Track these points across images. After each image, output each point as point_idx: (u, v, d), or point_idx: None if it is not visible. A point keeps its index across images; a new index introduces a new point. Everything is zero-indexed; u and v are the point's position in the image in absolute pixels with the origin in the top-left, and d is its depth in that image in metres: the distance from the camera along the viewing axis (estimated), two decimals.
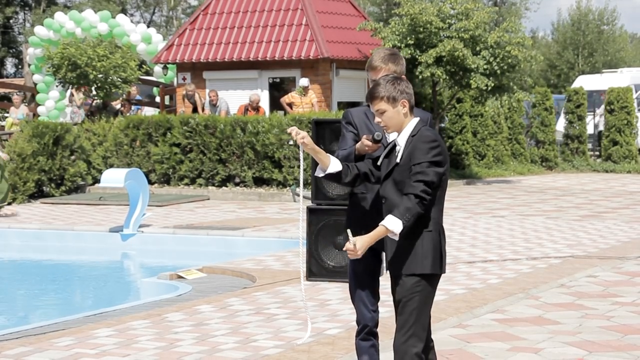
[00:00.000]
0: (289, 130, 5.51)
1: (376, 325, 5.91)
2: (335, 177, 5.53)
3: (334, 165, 5.49)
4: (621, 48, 60.30)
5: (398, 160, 5.28)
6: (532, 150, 27.40)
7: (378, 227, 5.18)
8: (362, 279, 5.89)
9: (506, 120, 27.19)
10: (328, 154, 5.53)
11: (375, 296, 5.91)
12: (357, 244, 5.17)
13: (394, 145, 5.41)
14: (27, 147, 20.03)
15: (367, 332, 5.90)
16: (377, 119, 5.35)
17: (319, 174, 5.55)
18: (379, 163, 5.47)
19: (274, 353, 7.40)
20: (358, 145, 5.69)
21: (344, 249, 5.32)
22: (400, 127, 5.32)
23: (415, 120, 5.34)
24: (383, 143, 5.63)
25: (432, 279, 5.34)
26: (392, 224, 5.11)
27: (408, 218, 5.11)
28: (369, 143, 5.57)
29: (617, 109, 26.84)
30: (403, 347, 5.23)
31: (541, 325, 8.42)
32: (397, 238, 5.17)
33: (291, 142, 19.93)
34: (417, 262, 5.25)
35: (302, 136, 5.37)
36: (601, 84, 31.16)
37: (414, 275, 5.25)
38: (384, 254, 5.88)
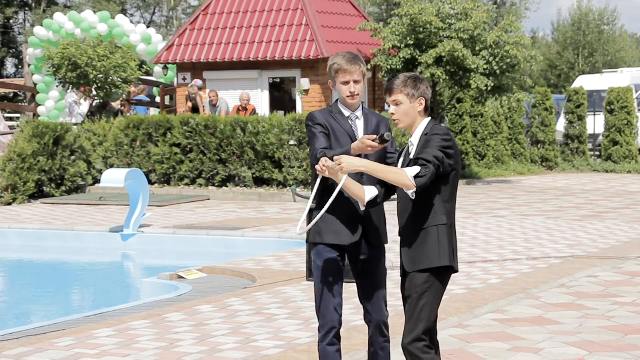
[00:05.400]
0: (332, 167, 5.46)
1: (340, 328, 5.96)
2: (373, 204, 5.58)
3: (370, 192, 5.54)
4: (621, 48, 60.30)
5: (412, 157, 5.34)
6: (532, 150, 27.39)
7: (389, 167, 5.32)
8: (329, 280, 5.90)
9: (506, 120, 27.19)
10: (359, 185, 5.54)
11: (341, 297, 5.95)
12: (344, 160, 5.28)
13: (408, 146, 5.47)
14: (27, 147, 20.03)
15: (334, 336, 5.92)
16: (390, 110, 5.42)
17: (362, 207, 5.62)
18: (399, 166, 5.49)
19: (274, 353, 7.40)
20: (357, 145, 5.64)
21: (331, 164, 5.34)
22: (412, 124, 5.40)
23: (427, 119, 5.43)
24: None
25: (444, 274, 5.37)
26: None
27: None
28: (374, 144, 5.51)
29: (618, 109, 26.82)
30: (410, 346, 5.30)
31: (541, 325, 8.43)
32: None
33: (292, 142, 19.92)
34: (436, 255, 5.30)
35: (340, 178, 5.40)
36: (601, 84, 31.14)
37: (428, 270, 5.30)
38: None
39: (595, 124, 28.52)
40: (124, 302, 10.96)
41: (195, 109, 23.48)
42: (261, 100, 23.90)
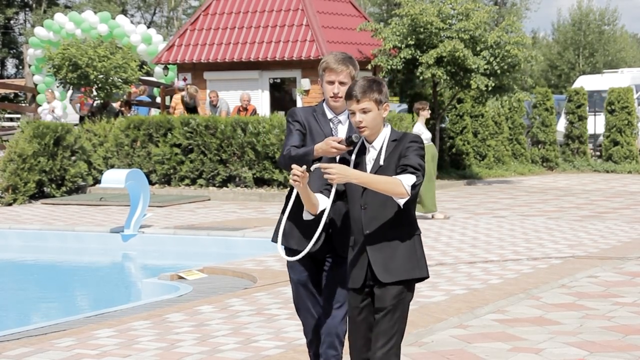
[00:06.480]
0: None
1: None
2: (321, 213, 5.32)
3: (323, 202, 5.29)
4: (622, 48, 60.33)
5: (381, 162, 5.14)
6: (532, 150, 27.39)
7: (383, 177, 5.02)
8: (304, 293, 5.80)
9: (507, 120, 27.20)
10: (314, 194, 5.26)
11: (320, 306, 5.84)
12: (338, 170, 4.94)
13: (363, 151, 5.23)
14: (28, 148, 20.03)
15: (318, 343, 5.84)
16: (357, 118, 5.09)
17: (308, 217, 5.26)
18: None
19: (274, 354, 7.40)
20: (320, 146, 5.39)
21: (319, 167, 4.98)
22: (378, 130, 5.18)
23: (388, 125, 5.25)
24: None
25: (414, 284, 5.25)
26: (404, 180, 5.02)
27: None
28: (341, 146, 5.25)
29: (618, 109, 26.82)
30: (386, 357, 5.11)
31: (542, 325, 8.42)
32: (401, 201, 5.02)
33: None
34: (416, 266, 5.18)
35: (298, 178, 5.08)
36: (602, 84, 31.14)
37: (403, 281, 5.14)
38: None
39: (596, 124, 28.52)
40: (124, 302, 10.96)
41: (193, 109, 23.48)
42: (261, 101, 23.91)
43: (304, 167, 5.08)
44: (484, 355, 7.45)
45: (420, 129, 15.90)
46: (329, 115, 5.74)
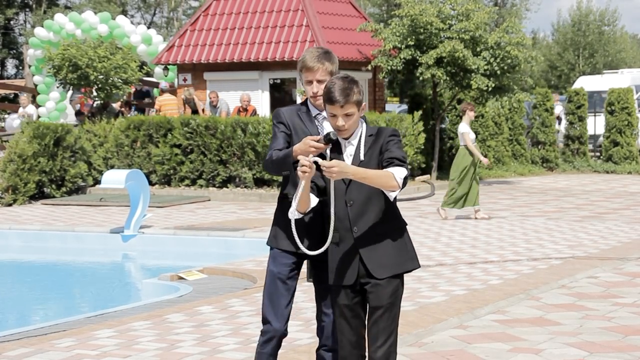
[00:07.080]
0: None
1: (284, 337, 5.65)
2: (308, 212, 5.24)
3: (314, 201, 5.19)
4: (622, 49, 60.38)
5: (362, 157, 5.10)
6: (532, 151, 27.39)
7: (377, 171, 4.97)
8: (278, 288, 5.58)
9: (507, 121, 27.19)
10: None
11: (290, 306, 5.64)
12: (338, 166, 4.84)
13: (338, 147, 5.17)
14: (28, 148, 20.04)
15: (275, 344, 5.62)
16: (340, 122, 5.03)
17: (297, 215, 5.12)
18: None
19: None
20: (299, 146, 5.26)
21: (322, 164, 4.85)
22: (355, 128, 5.17)
23: (363, 121, 5.23)
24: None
25: (404, 276, 5.25)
26: (396, 173, 4.99)
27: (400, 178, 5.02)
28: (320, 145, 5.12)
29: (618, 110, 26.81)
30: (387, 354, 5.09)
31: (542, 326, 8.43)
32: (394, 193, 5.00)
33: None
34: (409, 258, 5.17)
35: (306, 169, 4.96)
36: (602, 84, 31.13)
37: (398, 276, 5.12)
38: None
39: (596, 124, 28.52)
40: (124, 302, 10.97)
41: (196, 111, 23.51)
42: (261, 101, 23.91)
43: (311, 156, 4.98)
44: (484, 356, 7.45)
45: (465, 129, 15.92)
46: (313, 112, 5.65)
